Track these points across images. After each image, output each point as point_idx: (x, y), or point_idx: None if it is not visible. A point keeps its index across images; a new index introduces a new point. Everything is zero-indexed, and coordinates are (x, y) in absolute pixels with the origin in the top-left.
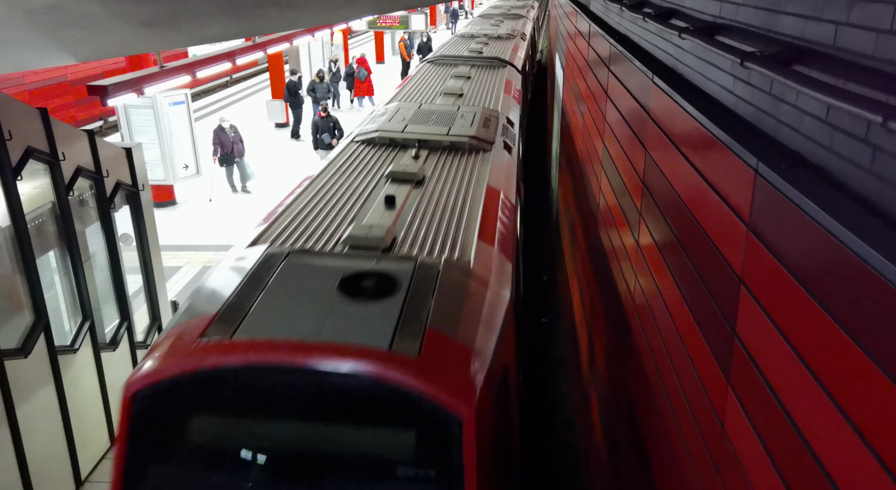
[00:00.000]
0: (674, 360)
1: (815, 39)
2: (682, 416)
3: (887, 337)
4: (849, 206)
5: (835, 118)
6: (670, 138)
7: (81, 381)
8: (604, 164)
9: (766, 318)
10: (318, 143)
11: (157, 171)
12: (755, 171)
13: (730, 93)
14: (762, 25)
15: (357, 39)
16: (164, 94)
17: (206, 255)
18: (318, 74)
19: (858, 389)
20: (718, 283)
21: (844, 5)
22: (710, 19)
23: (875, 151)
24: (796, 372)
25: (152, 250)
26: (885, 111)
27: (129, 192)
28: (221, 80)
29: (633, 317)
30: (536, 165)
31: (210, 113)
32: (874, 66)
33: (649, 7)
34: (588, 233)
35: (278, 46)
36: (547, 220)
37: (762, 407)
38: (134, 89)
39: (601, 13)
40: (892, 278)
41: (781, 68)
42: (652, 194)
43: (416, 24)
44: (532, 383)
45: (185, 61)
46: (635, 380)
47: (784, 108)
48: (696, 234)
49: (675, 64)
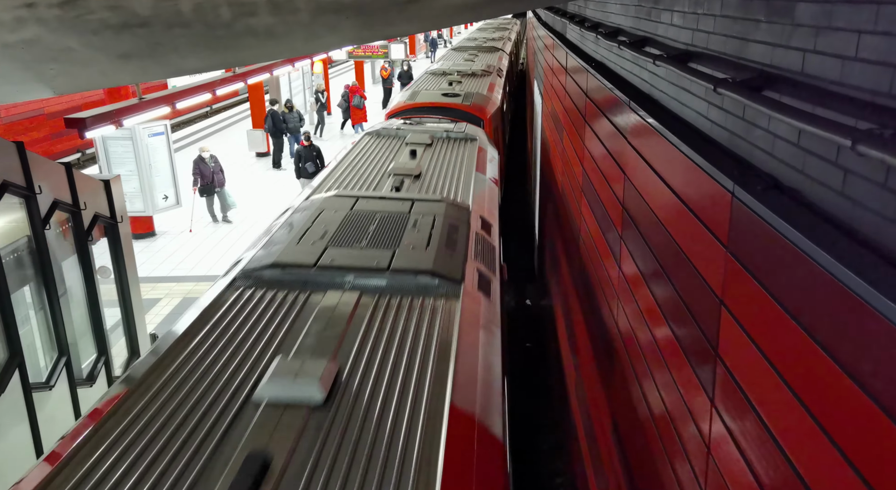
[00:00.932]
0: (658, 382)
1: (784, 66)
2: (668, 438)
3: (865, 354)
4: (822, 226)
5: (806, 142)
6: (648, 163)
7: (57, 419)
8: (584, 188)
9: (747, 338)
10: (300, 172)
11: (136, 203)
12: (731, 193)
13: (704, 118)
14: (733, 53)
15: (337, 69)
16: (143, 126)
17: (186, 287)
18: (286, 105)
19: (839, 408)
20: (700, 305)
21: (811, 33)
22: (683, 47)
23: (846, 174)
24: (778, 392)
25: (131, 282)
26: (854, 135)
27: (108, 225)
28: (202, 111)
29: (617, 340)
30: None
31: (190, 143)
32: (842, 91)
33: (624, 35)
34: (570, 257)
35: (259, 77)
36: (530, 244)
37: (746, 428)
38: (112, 121)
39: (578, 41)
40: (866, 296)
41: (753, 94)
42: (632, 218)
43: (395, 54)
44: (519, 410)
45: (164, 92)
46: (620, 403)
47: (757, 132)
48: (676, 257)
49: (651, 90)
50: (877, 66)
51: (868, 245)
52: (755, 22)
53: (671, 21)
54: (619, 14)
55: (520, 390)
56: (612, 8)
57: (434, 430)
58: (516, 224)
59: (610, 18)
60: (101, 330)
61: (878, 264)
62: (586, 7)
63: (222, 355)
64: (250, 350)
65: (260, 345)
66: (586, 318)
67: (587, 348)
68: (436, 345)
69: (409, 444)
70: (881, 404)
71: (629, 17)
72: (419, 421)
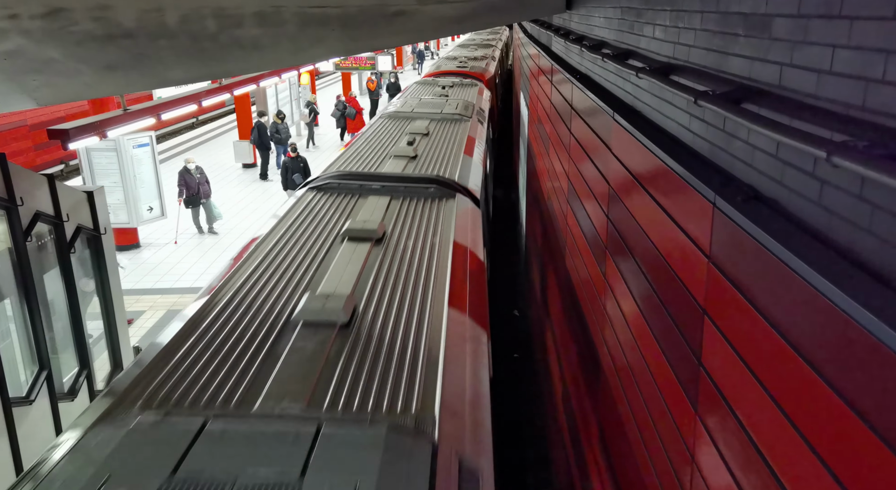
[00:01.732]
0: (643, 391)
1: (763, 79)
2: (653, 447)
3: (841, 360)
4: (799, 236)
5: (784, 154)
6: (632, 173)
7: (37, 434)
8: (569, 198)
9: (729, 347)
10: (288, 183)
11: (120, 215)
12: (713, 204)
13: (686, 129)
14: (713, 66)
15: (324, 80)
16: (127, 137)
17: (170, 299)
18: (278, 115)
19: (817, 414)
20: (683, 315)
21: (787, 47)
22: (665, 60)
23: (822, 185)
24: (760, 400)
25: (114, 295)
26: (829, 147)
27: (91, 236)
28: (188, 122)
29: (603, 349)
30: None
31: (176, 154)
32: (817, 104)
33: (608, 48)
34: (557, 268)
35: (245, 88)
36: (517, 255)
37: (729, 436)
38: (96, 133)
39: (563, 54)
40: (841, 303)
41: (732, 106)
42: (617, 229)
43: (382, 65)
44: (506, 419)
45: (149, 104)
46: (606, 413)
47: (737, 144)
48: (660, 267)
49: (635, 102)
50: (850, 80)
51: (843, 254)
52: (734, 36)
53: (653, 34)
54: (603, 27)
55: (508, 400)
56: (595, 21)
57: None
58: (504, 234)
59: (594, 31)
60: (84, 343)
61: (853, 273)
62: (571, 20)
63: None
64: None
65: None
66: (573, 328)
67: (574, 358)
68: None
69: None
70: (856, 409)
71: (613, 30)
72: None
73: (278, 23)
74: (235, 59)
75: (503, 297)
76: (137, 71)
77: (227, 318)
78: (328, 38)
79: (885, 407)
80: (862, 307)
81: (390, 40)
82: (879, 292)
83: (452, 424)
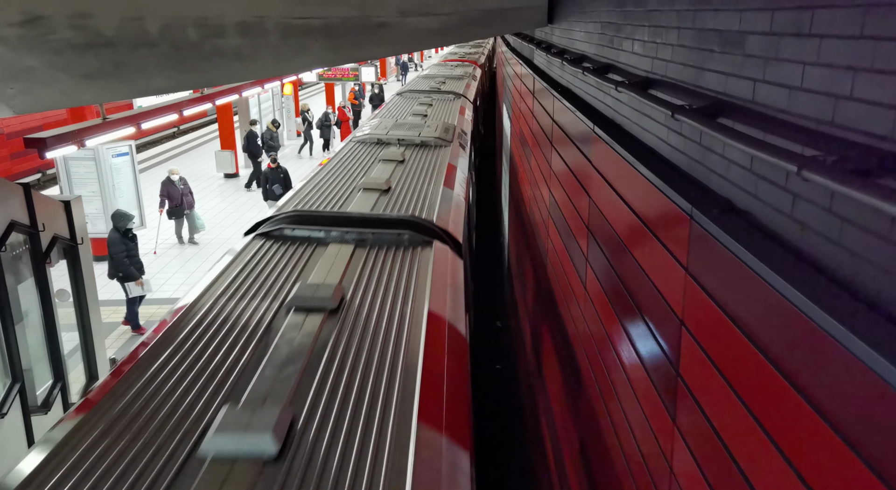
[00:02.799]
0: (623, 402)
1: (737, 94)
2: (632, 458)
3: (812, 370)
4: (772, 248)
5: (758, 167)
6: (612, 186)
7: (9, 448)
8: (551, 210)
9: (706, 358)
10: (267, 193)
11: (98, 224)
12: (690, 216)
13: (664, 143)
14: (690, 81)
15: (307, 91)
16: (107, 146)
17: (149, 310)
18: (273, 123)
19: (790, 423)
20: (662, 326)
21: (760, 64)
22: (644, 74)
23: (795, 198)
24: (735, 411)
25: (90, 306)
26: (800, 161)
27: (67, 246)
28: (169, 131)
29: (583, 360)
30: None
31: (157, 164)
32: (789, 119)
33: (588, 61)
34: (538, 278)
35: (227, 98)
36: (499, 266)
37: (706, 447)
38: (75, 142)
39: (544, 67)
40: (811, 314)
41: (708, 121)
42: (597, 240)
43: (366, 76)
44: (488, 431)
45: (129, 113)
46: (586, 424)
47: (713, 157)
48: (639, 278)
49: (615, 115)
50: (820, 96)
51: (814, 265)
52: (709, 52)
53: (632, 49)
54: (584, 41)
55: (489, 413)
56: (576, 35)
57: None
58: (487, 246)
59: (575, 45)
60: (59, 355)
61: (824, 285)
62: (552, 34)
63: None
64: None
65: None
66: (554, 339)
67: (555, 369)
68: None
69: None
70: (826, 417)
71: (593, 44)
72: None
73: (261, 33)
74: (217, 68)
75: (485, 309)
76: (117, 80)
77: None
78: (311, 49)
79: (853, 414)
80: (830, 317)
81: (373, 52)
82: (849, 303)
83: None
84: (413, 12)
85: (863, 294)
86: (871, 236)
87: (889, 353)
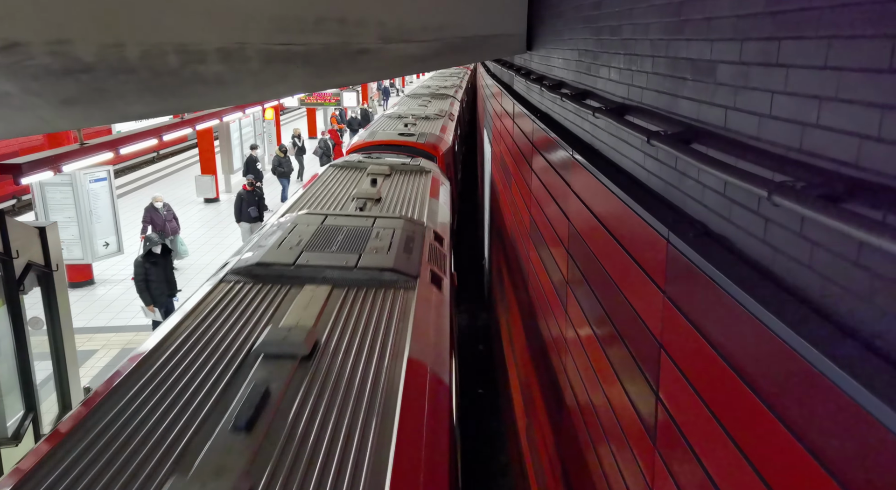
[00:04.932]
0: (604, 425)
1: (710, 121)
2: (614, 481)
3: (788, 394)
4: (746, 271)
5: (731, 192)
6: (591, 210)
7: None
8: (531, 234)
9: (684, 380)
10: (241, 216)
11: (74, 251)
12: (667, 240)
13: (641, 167)
14: (665, 107)
15: (289, 115)
16: (84, 171)
17: (125, 337)
18: (280, 150)
19: (768, 447)
20: (641, 349)
21: (731, 92)
22: (620, 100)
23: (767, 223)
24: (714, 433)
25: (65, 334)
26: (770, 187)
27: (42, 273)
28: (148, 156)
29: (565, 383)
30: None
31: (136, 188)
32: (760, 146)
33: (566, 88)
34: (520, 302)
35: (208, 122)
36: (481, 289)
37: (686, 470)
38: (51, 167)
39: (524, 92)
40: (784, 336)
41: (683, 146)
42: (577, 264)
43: (347, 101)
44: (471, 456)
45: (107, 138)
46: (569, 448)
47: (688, 182)
48: (618, 302)
49: (593, 140)
50: (788, 124)
51: (788, 289)
52: (682, 79)
53: (609, 76)
54: (562, 68)
55: (472, 436)
56: (555, 62)
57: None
58: (468, 267)
59: (553, 72)
60: (31, 385)
61: (797, 308)
62: (531, 60)
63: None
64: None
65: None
66: (536, 362)
67: (537, 392)
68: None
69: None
70: (801, 438)
71: (571, 71)
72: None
73: (242, 59)
74: (198, 94)
75: (468, 335)
76: (96, 106)
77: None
78: (292, 75)
79: (827, 434)
80: (802, 339)
81: (354, 78)
82: (821, 326)
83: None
84: (394, 39)
85: (834, 316)
86: (839, 260)
87: (859, 374)
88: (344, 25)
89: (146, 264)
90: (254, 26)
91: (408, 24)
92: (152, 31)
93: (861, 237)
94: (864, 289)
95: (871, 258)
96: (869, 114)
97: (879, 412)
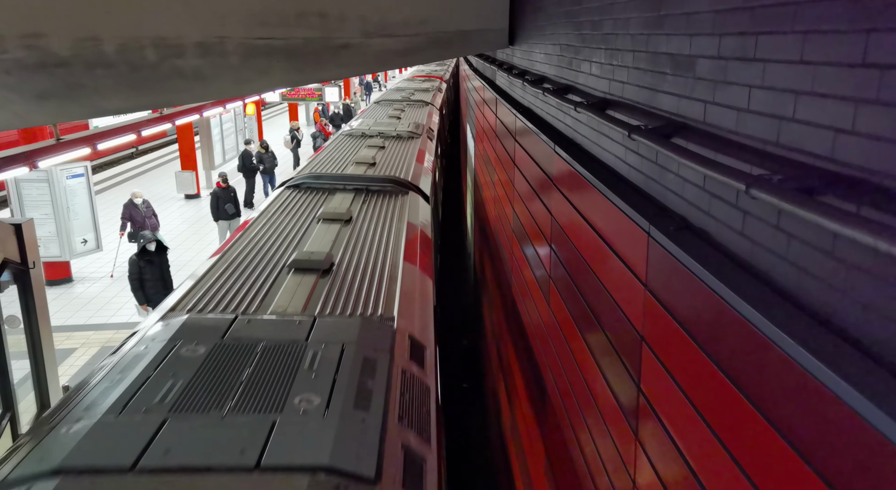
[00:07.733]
0: (587, 418)
1: (689, 115)
2: (597, 473)
3: (764, 383)
4: (725, 264)
5: (711, 186)
6: (573, 204)
7: None
8: (514, 229)
9: (665, 373)
10: (218, 214)
11: (51, 248)
12: (648, 234)
13: (623, 162)
14: (645, 102)
15: (271, 111)
16: (61, 167)
17: (105, 335)
18: (262, 146)
19: (748, 438)
20: (623, 341)
21: (710, 86)
22: (601, 95)
23: (745, 216)
24: (694, 425)
25: (42, 332)
26: (748, 180)
27: (18, 271)
28: (127, 152)
29: (548, 376)
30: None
31: (115, 184)
32: (738, 139)
33: (549, 82)
34: (503, 296)
35: (187, 118)
36: (465, 285)
37: (667, 461)
38: (26, 163)
39: (506, 87)
40: (763, 328)
41: (663, 141)
42: (560, 258)
43: (330, 96)
44: (455, 452)
45: (84, 133)
46: (552, 439)
47: (669, 176)
48: (601, 295)
49: (575, 135)
50: (766, 118)
51: (766, 281)
52: (662, 74)
53: (590, 71)
54: (544, 63)
55: (456, 437)
56: (537, 57)
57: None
58: (453, 263)
59: (535, 67)
60: (8, 384)
61: (774, 299)
62: (514, 55)
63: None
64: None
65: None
66: (519, 356)
67: (521, 386)
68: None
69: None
70: (779, 429)
71: (553, 65)
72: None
73: (221, 53)
74: (176, 89)
75: (452, 328)
76: (72, 100)
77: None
78: (273, 70)
79: (804, 425)
80: (780, 330)
81: (336, 72)
82: (798, 317)
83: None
84: (376, 34)
85: (808, 306)
86: (814, 251)
87: (832, 362)
88: (325, 20)
89: (140, 262)
90: (234, 20)
91: (390, 18)
92: (129, 24)
93: (835, 229)
94: (838, 279)
95: (845, 249)
96: (843, 107)
97: (847, 396)
